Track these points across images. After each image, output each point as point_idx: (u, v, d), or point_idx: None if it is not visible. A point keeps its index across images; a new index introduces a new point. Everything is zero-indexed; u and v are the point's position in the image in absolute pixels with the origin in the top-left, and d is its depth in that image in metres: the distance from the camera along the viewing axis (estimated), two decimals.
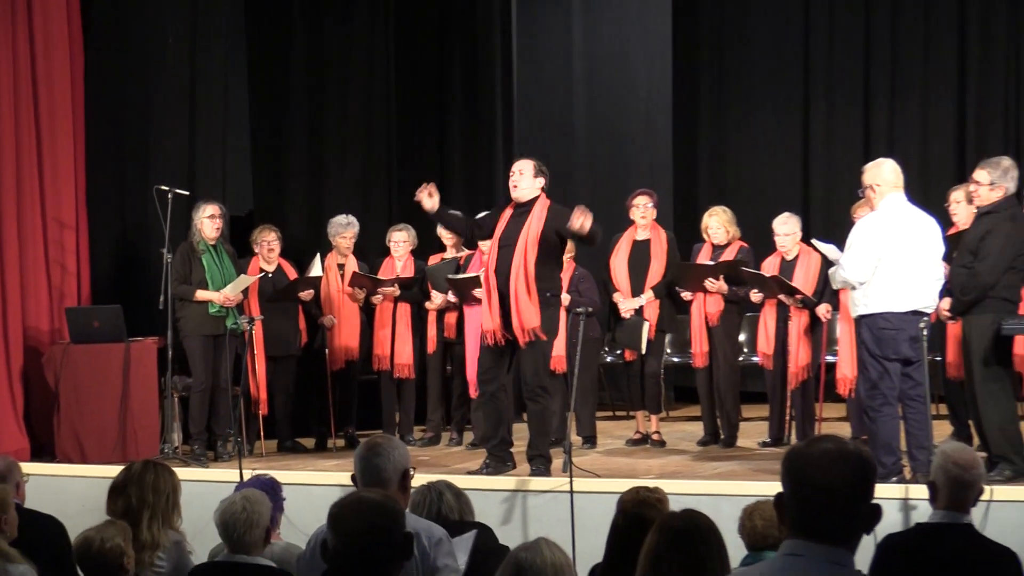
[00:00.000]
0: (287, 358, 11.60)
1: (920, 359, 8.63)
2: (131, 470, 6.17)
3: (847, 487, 3.07)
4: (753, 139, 15.38)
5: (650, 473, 9.69)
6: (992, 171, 8.83)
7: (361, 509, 4.23)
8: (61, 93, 11.76)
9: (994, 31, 14.39)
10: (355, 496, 4.37)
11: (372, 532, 4.18)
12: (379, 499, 4.31)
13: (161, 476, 6.13)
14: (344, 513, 4.24)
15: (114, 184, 12.35)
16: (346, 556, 4.22)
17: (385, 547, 4.19)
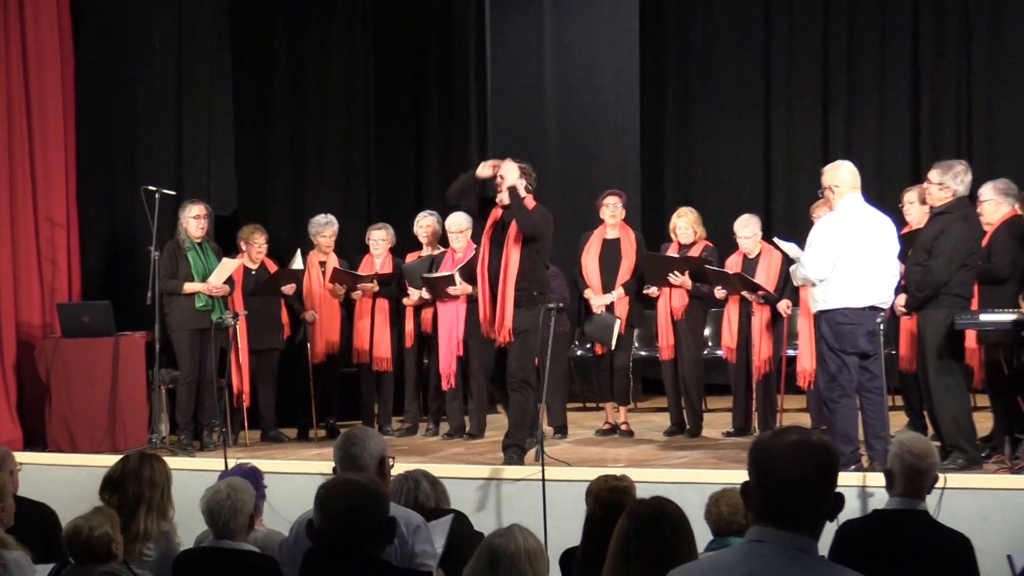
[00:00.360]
0: (270, 351, 11.60)
1: (877, 353, 8.67)
2: (127, 464, 6.11)
3: (811, 477, 3.07)
4: (717, 141, 15.40)
5: (619, 462, 9.69)
6: (943, 173, 8.87)
7: (348, 491, 4.23)
8: (52, 97, 11.72)
9: (947, 38, 14.43)
10: (342, 478, 4.37)
11: (357, 514, 4.18)
12: (365, 482, 4.32)
13: (157, 470, 6.09)
14: (331, 494, 4.24)
15: (103, 184, 12.31)
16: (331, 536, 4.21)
17: (369, 529, 4.19)
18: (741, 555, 3.09)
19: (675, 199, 13.12)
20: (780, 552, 3.03)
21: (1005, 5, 14.18)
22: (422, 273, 11.39)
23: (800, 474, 3.06)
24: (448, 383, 11.21)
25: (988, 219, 9.22)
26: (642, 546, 4.07)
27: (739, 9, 15.29)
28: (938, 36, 14.46)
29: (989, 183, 9.40)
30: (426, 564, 4.94)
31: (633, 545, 4.08)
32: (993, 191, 9.34)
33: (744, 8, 15.27)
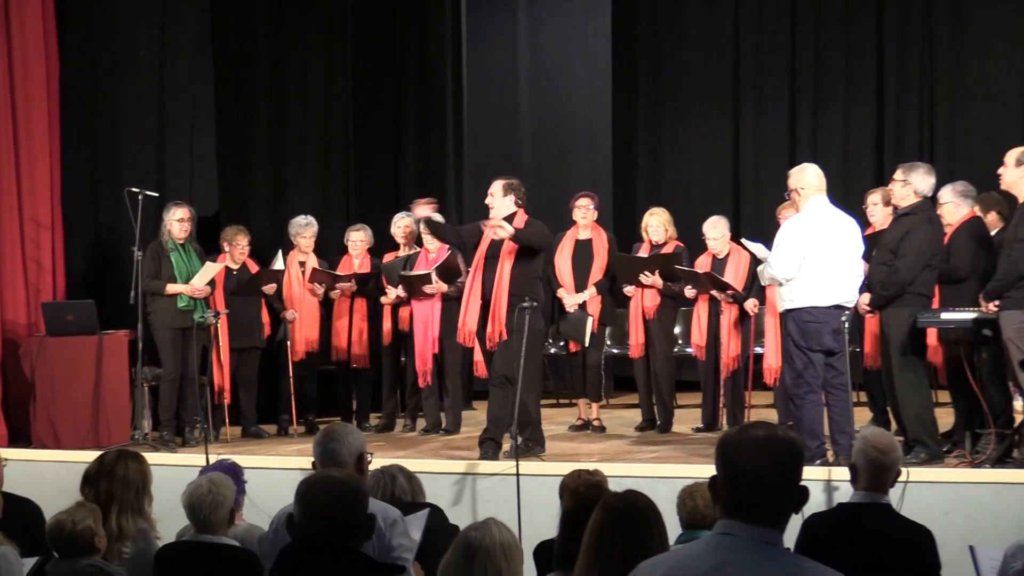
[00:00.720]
0: (251, 350, 11.57)
1: (842, 350, 8.70)
2: (104, 461, 6.09)
3: (776, 471, 3.08)
4: (687, 145, 15.42)
5: (591, 456, 9.69)
6: (906, 172, 8.95)
7: (328, 487, 4.21)
8: (37, 100, 11.66)
9: (910, 47, 14.48)
10: (323, 474, 4.35)
11: (336, 509, 4.16)
12: (346, 479, 4.29)
13: (131, 467, 6.04)
14: (312, 489, 4.22)
15: (88, 186, 12.26)
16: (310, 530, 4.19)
17: (348, 524, 4.17)
18: (709, 547, 3.09)
19: (646, 201, 13.13)
20: (747, 545, 3.04)
21: (967, 13, 14.24)
22: (399, 272, 11.38)
23: (766, 469, 3.07)
24: (424, 380, 11.20)
25: (948, 220, 9.26)
26: (615, 538, 4.06)
27: (709, 17, 15.32)
28: (901, 44, 14.51)
29: (948, 185, 9.44)
30: (403, 557, 4.93)
31: (606, 537, 4.08)
32: (952, 193, 9.37)
33: (714, 16, 15.30)
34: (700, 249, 11.24)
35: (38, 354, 10.90)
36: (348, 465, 5.02)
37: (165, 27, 12.52)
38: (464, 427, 11.39)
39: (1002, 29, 14.13)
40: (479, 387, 12.88)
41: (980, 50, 14.17)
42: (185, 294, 10.83)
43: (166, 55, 12.51)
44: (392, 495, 6.00)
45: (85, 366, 10.82)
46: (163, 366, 10.90)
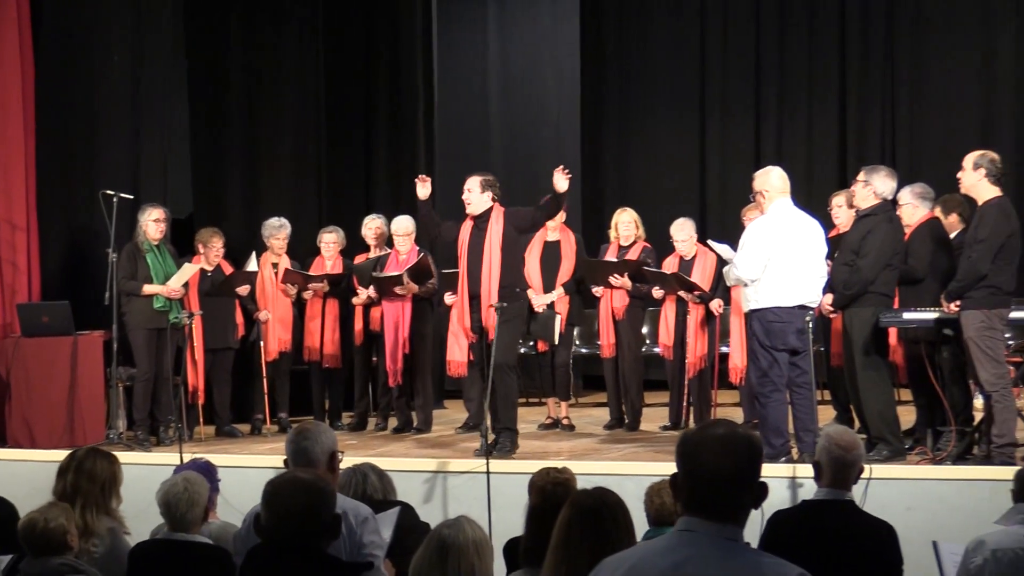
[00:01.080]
0: (225, 350, 11.53)
1: (806, 349, 8.71)
2: (74, 455, 6.12)
3: (735, 469, 3.09)
4: (654, 149, 15.47)
5: (560, 455, 9.68)
6: (869, 174, 9.01)
7: (294, 488, 4.18)
8: (13, 105, 11.58)
9: (872, 52, 14.57)
10: (289, 475, 4.32)
11: (302, 511, 4.13)
12: (312, 480, 4.27)
13: (99, 464, 6.04)
14: (277, 491, 4.19)
15: (63, 189, 12.19)
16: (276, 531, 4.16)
17: (313, 526, 4.15)
18: (671, 544, 3.10)
19: (614, 203, 13.12)
20: (708, 541, 3.05)
21: (927, 20, 14.32)
22: (369, 274, 11.37)
23: (726, 466, 3.08)
24: (394, 380, 11.18)
25: (907, 221, 9.29)
26: (583, 535, 4.06)
27: (675, 23, 15.37)
28: (863, 50, 14.59)
29: (907, 187, 9.46)
30: (374, 555, 4.91)
31: (574, 534, 4.07)
32: (911, 195, 9.40)
33: (680, 22, 15.35)
34: (667, 250, 11.25)
35: (13, 355, 10.83)
36: (321, 464, 5.00)
37: (140, 32, 12.47)
38: (436, 426, 11.38)
39: (961, 35, 14.22)
40: (450, 386, 12.90)
41: (940, 56, 14.26)
42: (162, 295, 10.77)
43: (140, 59, 12.45)
44: (364, 493, 5.97)
45: (60, 366, 10.76)
46: (137, 366, 10.84)
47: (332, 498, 4.27)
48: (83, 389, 10.75)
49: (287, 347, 11.69)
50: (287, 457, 5.11)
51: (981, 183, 8.49)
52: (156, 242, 10.93)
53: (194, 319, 10.93)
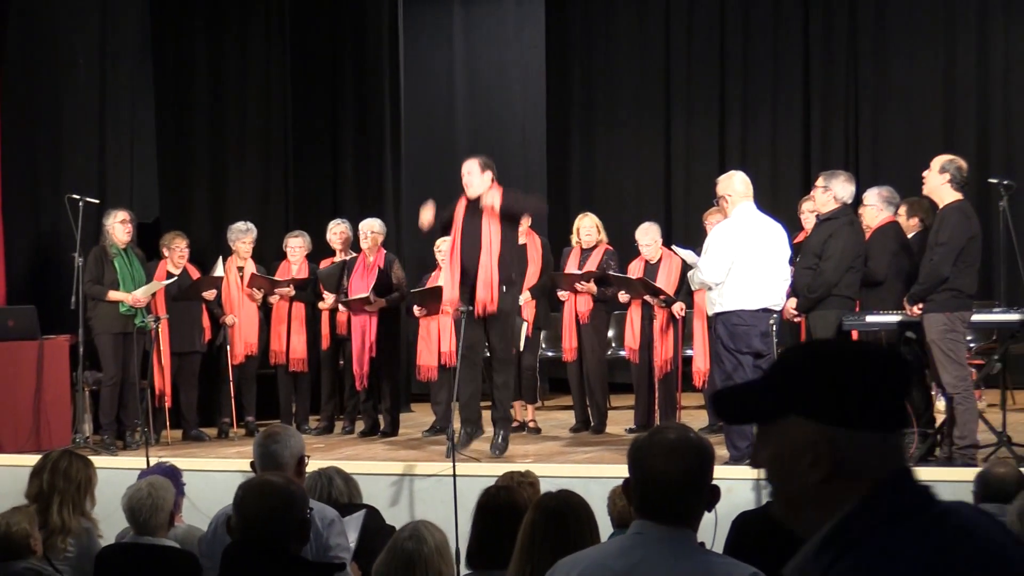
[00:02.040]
0: (191, 354, 11.49)
1: (770, 352, 8.75)
2: (49, 456, 6.15)
3: (684, 474, 3.13)
4: (620, 152, 15.50)
5: (527, 457, 9.69)
6: (828, 179, 9.08)
7: (264, 492, 4.19)
8: None
9: (835, 56, 14.64)
10: (260, 479, 4.33)
11: (273, 515, 4.14)
12: (282, 483, 4.28)
13: (74, 465, 6.07)
14: (249, 495, 4.20)
15: (28, 193, 12.15)
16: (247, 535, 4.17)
17: (284, 529, 4.15)
18: (624, 546, 3.15)
19: (579, 207, 13.17)
20: (660, 543, 3.11)
21: (889, 23, 14.40)
22: (335, 278, 11.39)
23: (674, 472, 3.12)
24: (361, 383, 11.17)
25: (868, 222, 9.35)
26: (547, 536, 4.07)
27: (640, 27, 15.41)
28: (827, 55, 14.67)
29: (875, 188, 9.51)
30: (340, 557, 4.92)
31: (539, 536, 4.09)
32: (877, 197, 9.45)
33: (645, 26, 15.39)
34: (633, 254, 11.27)
35: None
36: (289, 467, 4.99)
37: (105, 34, 12.44)
38: (402, 429, 11.38)
39: (924, 38, 14.31)
40: (417, 389, 12.90)
41: (902, 59, 14.34)
42: (127, 303, 10.73)
43: (106, 62, 12.42)
44: (329, 496, 5.97)
45: (26, 371, 10.70)
46: (104, 370, 10.79)
47: (303, 502, 4.28)
48: (49, 393, 10.71)
49: (254, 351, 11.67)
50: (255, 460, 5.10)
51: (944, 187, 8.54)
52: (124, 245, 10.88)
53: (160, 323, 10.88)
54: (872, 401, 2.09)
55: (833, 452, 2.06)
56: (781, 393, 2.13)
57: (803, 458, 2.08)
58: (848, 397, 2.08)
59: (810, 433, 2.07)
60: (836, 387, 2.09)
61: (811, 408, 2.08)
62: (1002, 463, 6.55)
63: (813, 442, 2.07)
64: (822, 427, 2.07)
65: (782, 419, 2.11)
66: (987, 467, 6.01)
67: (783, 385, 2.13)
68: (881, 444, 2.08)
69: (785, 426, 2.10)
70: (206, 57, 13.44)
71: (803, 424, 2.08)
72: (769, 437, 2.14)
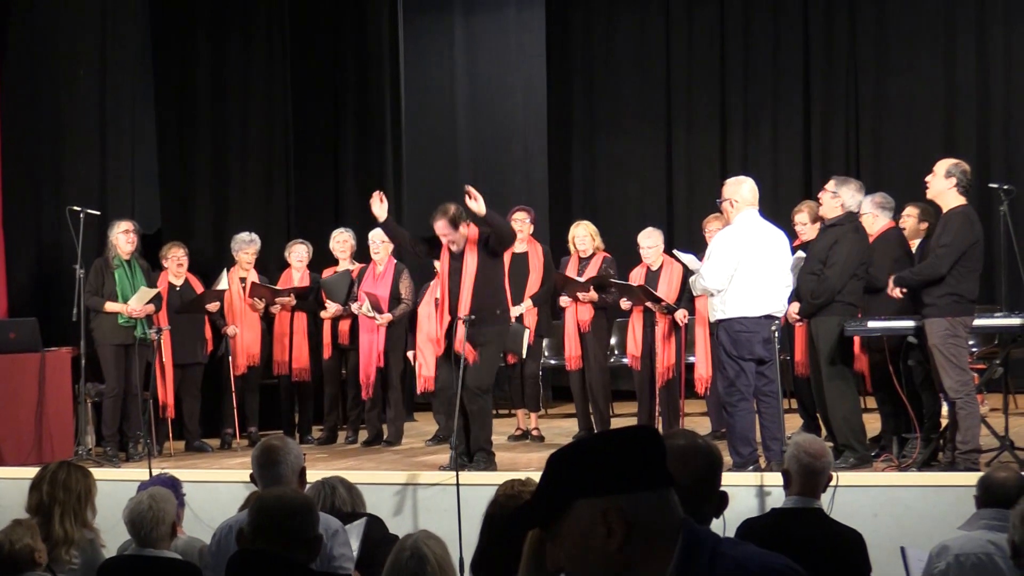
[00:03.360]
0: (194, 365, 11.46)
1: (772, 359, 8.74)
2: (47, 468, 6.12)
3: (695, 480, 3.11)
4: (621, 160, 15.49)
5: (530, 466, 9.64)
6: (839, 184, 9.04)
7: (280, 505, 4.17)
8: None
9: (835, 64, 14.65)
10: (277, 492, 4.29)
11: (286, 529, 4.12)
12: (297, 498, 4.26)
13: (73, 475, 6.05)
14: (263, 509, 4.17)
15: (30, 205, 12.14)
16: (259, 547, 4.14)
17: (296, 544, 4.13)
18: None
19: (581, 216, 13.15)
20: None
21: (889, 32, 14.40)
22: (340, 287, 11.40)
23: (685, 477, 3.09)
24: (367, 392, 11.15)
25: (867, 230, 9.33)
26: None
27: (641, 36, 15.41)
28: (827, 63, 14.67)
29: (868, 196, 9.49)
30: (344, 567, 4.90)
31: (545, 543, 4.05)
32: (872, 205, 9.43)
33: (646, 35, 15.39)
34: (634, 261, 11.25)
35: None
36: (291, 482, 4.98)
37: (106, 46, 12.44)
38: (406, 439, 11.35)
39: (923, 46, 14.31)
40: (420, 398, 12.87)
41: (902, 66, 14.34)
42: (123, 314, 10.71)
43: (107, 73, 12.42)
44: (332, 506, 5.94)
45: (28, 383, 10.68)
46: (106, 382, 10.78)
47: (314, 518, 4.27)
48: (51, 405, 10.69)
49: (256, 361, 11.64)
50: (254, 476, 5.08)
51: (950, 192, 8.52)
52: (127, 256, 10.85)
53: (163, 334, 10.86)
54: (638, 465, 2.34)
55: (623, 516, 2.29)
56: (561, 487, 2.34)
57: (598, 531, 2.30)
58: (618, 467, 2.32)
59: (597, 507, 2.29)
60: (605, 462, 2.33)
61: (591, 487, 2.31)
62: (1004, 467, 6.52)
63: (603, 512, 2.29)
64: (606, 498, 2.29)
65: (569, 509, 2.32)
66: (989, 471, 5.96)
67: (561, 481, 2.35)
68: (659, 500, 2.34)
69: (574, 513, 2.32)
70: (207, 68, 13.44)
71: (590, 503, 2.30)
72: (562, 534, 2.34)
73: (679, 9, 15.27)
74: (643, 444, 2.37)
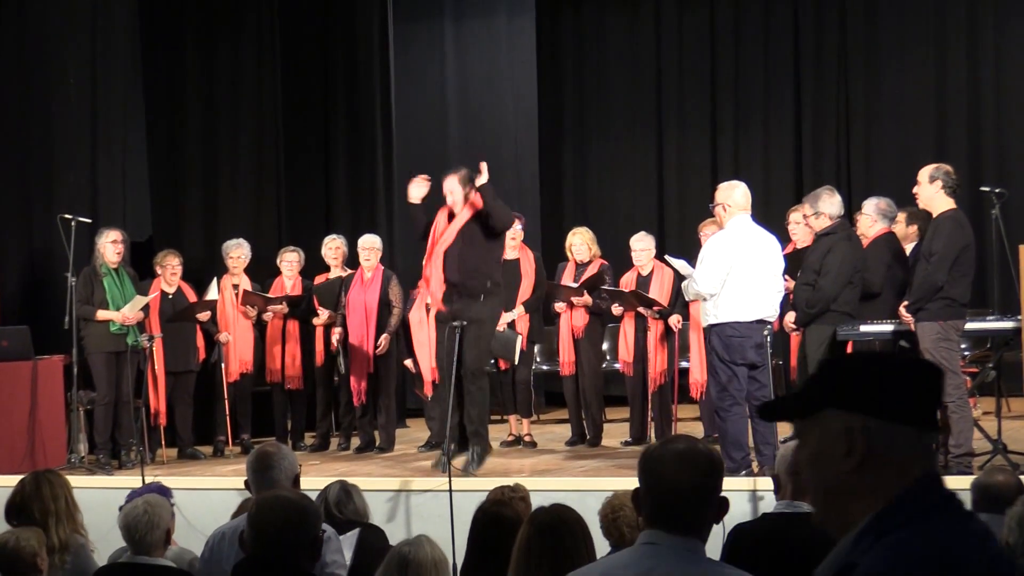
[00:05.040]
0: (186, 372, 11.49)
1: (765, 363, 8.76)
2: (25, 489, 6.07)
3: (695, 484, 3.13)
4: (612, 166, 15.51)
5: (523, 472, 9.67)
6: (812, 204, 9.11)
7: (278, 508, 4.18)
8: None
9: (826, 68, 14.68)
10: (275, 495, 4.31)
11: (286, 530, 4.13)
12: (297, 500, 4.27)
13: (55, 484, 6.05)
14: (262, 510, 4.19)
15: (20, 213, 12.15)
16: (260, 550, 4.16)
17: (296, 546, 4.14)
18: (635, 557, 3.14)
19: (573, 222, 13.19)
20: (671, 553, 3.09)
21: (879, 36, 14.44)
22: (333, 294, 11.43)
23: (686, 481, 3.12)
24: (359, 399, 11.17)
25: (863, 231, 9.37)
26: (543, 552, 4.07)
27: (631, 40, 15.44)
28: (817, 65, 14.70)
29: (873, 199, 9.51)
30: (336, 574, 4.91)
31: (534, 550, 4.09)
32: (875, 209, 9.45)
33: (635, 39, 15.42)
34: (626, 266, 11.29)
35: None
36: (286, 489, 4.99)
37: (96, 53, 12.45)
38: (398, 444, 11.37)
39: (914, 49, 14.34)
40: (412, 405, 12.89)
41: (893, 70, 14.37)
42: (116, 321, 10.72)
43: (97, 81, 12.44)
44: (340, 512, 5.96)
45: (20, 391, 10.69)
46: (97, 390, 10.78)
47: (316, 518, 4.27)
48: (43, 413, 10.69)
49: (249, 368, 11.65)
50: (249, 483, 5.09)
51: (938, 195, 8.56)
52: (114, 265, 10.86)
53: (155, 342, 10.87)
54: (905, 395, 2.24)
55: (867, 441, 2.21)
56: (820, 389, 2.28)
57: (838, 447, 2.23)
58: (882, 389, 2.23)
59: (846, 422, 2.22)
60: (871, 379, 2.25)
61: (846, 399, 2.24)
62: (998, 471, 6.55)
63: (848, 429, 2.22)
64: (856, 416, 2.22)
65: (820, 414, 2.26)
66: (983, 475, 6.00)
67: (822, 383, 2.29)
68: (914, 440, 2.23)
69: (822, 420, 2.26)
70: (197, 75, 13.45)
71: (839, 415, 2.24)
72: (807, 435, 2.29)
73: (669, 14, 15.30)
74: (921, 377, 2.28)
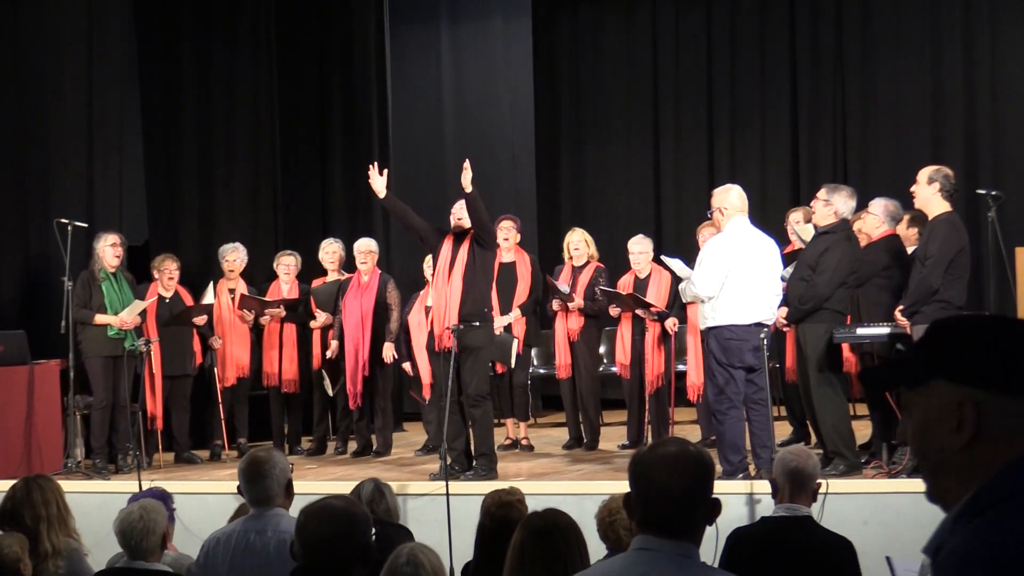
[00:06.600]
0: (183, 377, 11.46)
1: (762, 366, 8.75)
2: (15, 495, 6.05)
3: (686, 488, 3.12)
4: (609, 169, 15.51)
5: (520, 475, 9.67)
6: (831, 192, 9.04)
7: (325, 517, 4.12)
8: None
9: (822, 70, 14.67)
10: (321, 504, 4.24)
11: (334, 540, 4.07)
12: (344, 507, 4.20)
13: (46, 489, 6.03)
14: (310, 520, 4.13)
15: (17, 217, 12.13)
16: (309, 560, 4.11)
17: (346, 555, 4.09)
18: (628, 562, 3.13)
19: (570, 224, 13.17)
20: (664, 558, 3.08)
21: (875, 38, 14.43)
22: (331, 297, 11.44)
23: (676, 485, 3.11)
24: (354, 402, 11.15)
25: (867, 230, 9.35)
26: (536, 556, 4.06)
27: (628, 43, 15.44)
28: (814, 70, 14.69)
29: (882, 200, 9.48)
30: None
31: (528, 555, 4.08)
32: (882, 210, 9.39)
33: (632, 42, 15.42)
34: (622, 270, 11.28)
35: None
36: (279, 496, 4.98)
37: (92, 58, 12.43)
38: (395, 448, 11.36)
39: (910, 52, 14.33)
40: (409, 408, 12.88)
41: (889, 72, 14.36)
42: (114, 325, 10.71)
43: (93, 86, 12.41)
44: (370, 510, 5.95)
45: (17, 396, 10.67)
46: (94, 394, 10.77)
47: (365, 525, 4.17)
48: (40, 418, 10.68)
49: (245, 372, 11.65)
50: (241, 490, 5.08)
51: (935, 198, 8.57)
52: (113, 269, 10.85)
53: (152, 346, 10.86)
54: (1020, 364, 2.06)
55: (978, 415, 2.05)
56: (928, 358, 2.12)
57: (947, 422, 2.08)
58: (995, 358, 2.07)
59: (955, 396, 2.07)
60: (983, 349, 2.08)
61: (957, 370, 2.08)
62: None
63: (958, 404, 2.07)
64: (967, 390, 2.06)
65: (928, 384, 2.11)
66: None
67: (930, 350, 2.13)
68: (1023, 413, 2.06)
69: (930, 391, 2.11)
70: (193, 79, 13.43)
71: (949, 388, 2.08)
72: (914, 405, 2.14)
73: (666, 17, 15.31)
74: None
